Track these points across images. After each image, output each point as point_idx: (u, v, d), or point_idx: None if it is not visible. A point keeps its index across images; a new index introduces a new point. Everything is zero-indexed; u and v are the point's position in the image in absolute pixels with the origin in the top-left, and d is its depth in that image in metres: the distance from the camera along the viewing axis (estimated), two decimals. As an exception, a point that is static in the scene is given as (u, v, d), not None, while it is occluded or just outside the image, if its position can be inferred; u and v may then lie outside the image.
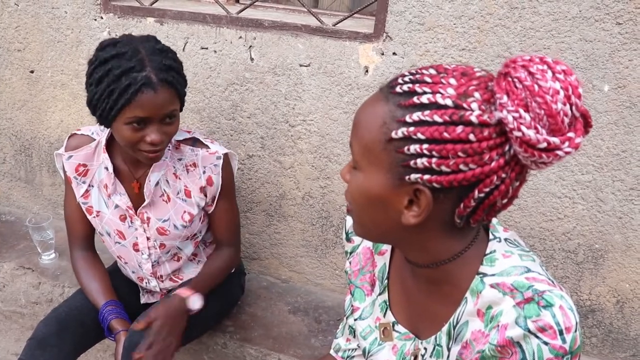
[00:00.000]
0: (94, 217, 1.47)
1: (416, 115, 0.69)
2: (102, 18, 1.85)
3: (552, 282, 0.75)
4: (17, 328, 2.02)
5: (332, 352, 1.15)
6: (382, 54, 1.56)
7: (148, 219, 1.44)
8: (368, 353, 0.97)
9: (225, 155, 1.44)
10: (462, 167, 0.69)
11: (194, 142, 1.43)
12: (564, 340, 0.70)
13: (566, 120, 0.66)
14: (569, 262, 1.61)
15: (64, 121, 2.07)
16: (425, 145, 0.69)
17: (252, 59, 1.72)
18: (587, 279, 1.61)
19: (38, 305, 1.94)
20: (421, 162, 0.70)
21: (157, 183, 1.42)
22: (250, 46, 1.70)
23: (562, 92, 0.65)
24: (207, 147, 1.43)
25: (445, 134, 0.68)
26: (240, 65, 1.73)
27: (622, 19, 1.34)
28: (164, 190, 1.43)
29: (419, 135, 0.69)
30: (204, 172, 1.42)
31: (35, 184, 2.26)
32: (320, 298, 1.91)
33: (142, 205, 1.43)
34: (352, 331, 1.09)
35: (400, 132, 0.70)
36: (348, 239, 1.02)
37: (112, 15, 1.83)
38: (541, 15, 1.39)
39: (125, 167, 1.42)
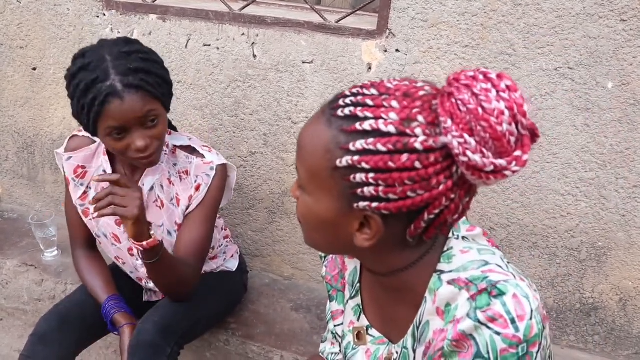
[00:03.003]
0: (91, 219, 1.46)
1: (359, 144, 0.67)
2: (104, 15, 1.85)
3: (513, 274, 0.74)
4: (20, 325, 2.02)
5: (320, 352, 1.15)
6: (385, 51, 1.56)
7: None
8: (345, 357, 0.97)
9: (221, 167, 1.40)
10: (409, 193, 0.67)
11: (192, 150, 1.41)
12: (517, 329, 0.68)
13: (512, 139, 0.65)
14: (572, 260, 1.61)
15: (66, 118, 2.07)
16: (371, 175, 0.67)
17: (254, 56, 1.71)
18: (590, 276, 1.61)
19: (41, 302, 1.94)
20: (368, 190, 0.68)
21: (152, 188, 1.40)
22: (253, 43, 1.70)
23: (507, 112, 0.63)
24: (202, 156, 1.40)
25: (390, 163, 0.66)
26: (243, 62, 1.73)
27: (626, 15, 1.33)
28: (158, 196, 1.41)
29: (364, 165, 0.67)
30: (195, 181, 1.39)
31: (37, 181, 2.26)
32: (322, 295, 1.91)
33: None
34: (335, 335, 1.09)
35: (345, 160, 0.68)
36: None
37: (115, 12, 1.83)
38: (545, 12, 1.38)
39: (123, 171, 1.40)
